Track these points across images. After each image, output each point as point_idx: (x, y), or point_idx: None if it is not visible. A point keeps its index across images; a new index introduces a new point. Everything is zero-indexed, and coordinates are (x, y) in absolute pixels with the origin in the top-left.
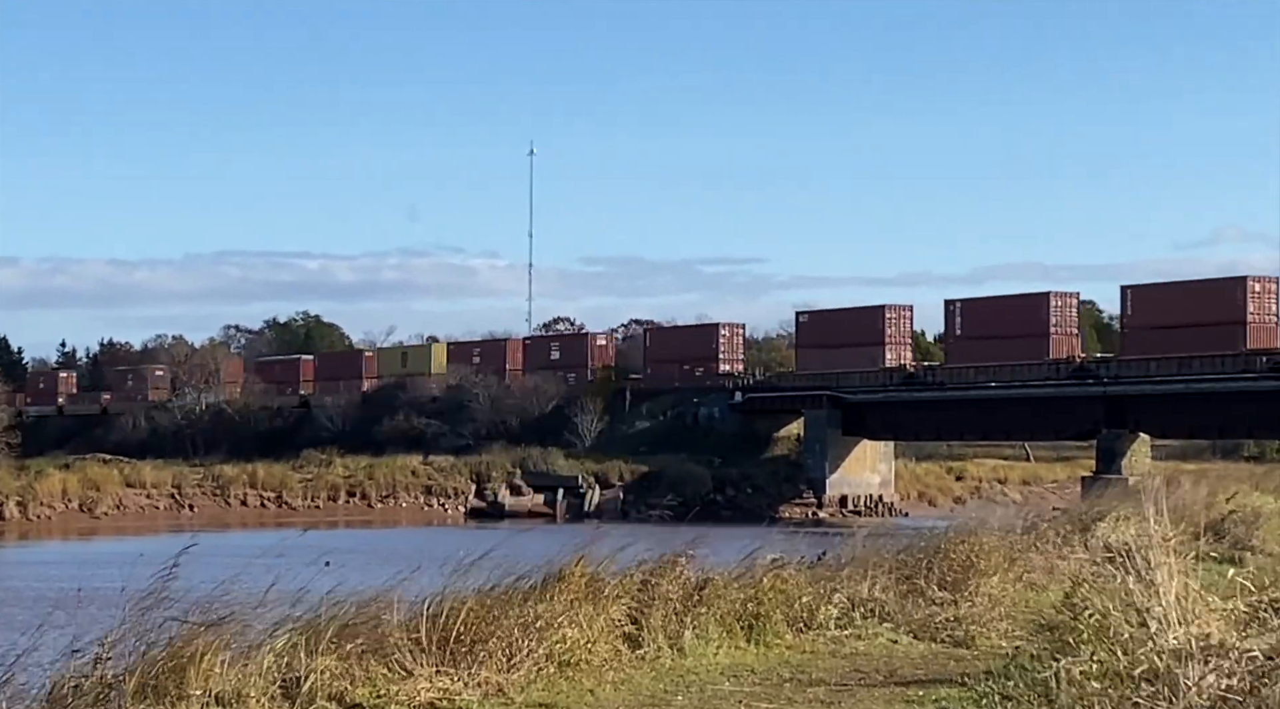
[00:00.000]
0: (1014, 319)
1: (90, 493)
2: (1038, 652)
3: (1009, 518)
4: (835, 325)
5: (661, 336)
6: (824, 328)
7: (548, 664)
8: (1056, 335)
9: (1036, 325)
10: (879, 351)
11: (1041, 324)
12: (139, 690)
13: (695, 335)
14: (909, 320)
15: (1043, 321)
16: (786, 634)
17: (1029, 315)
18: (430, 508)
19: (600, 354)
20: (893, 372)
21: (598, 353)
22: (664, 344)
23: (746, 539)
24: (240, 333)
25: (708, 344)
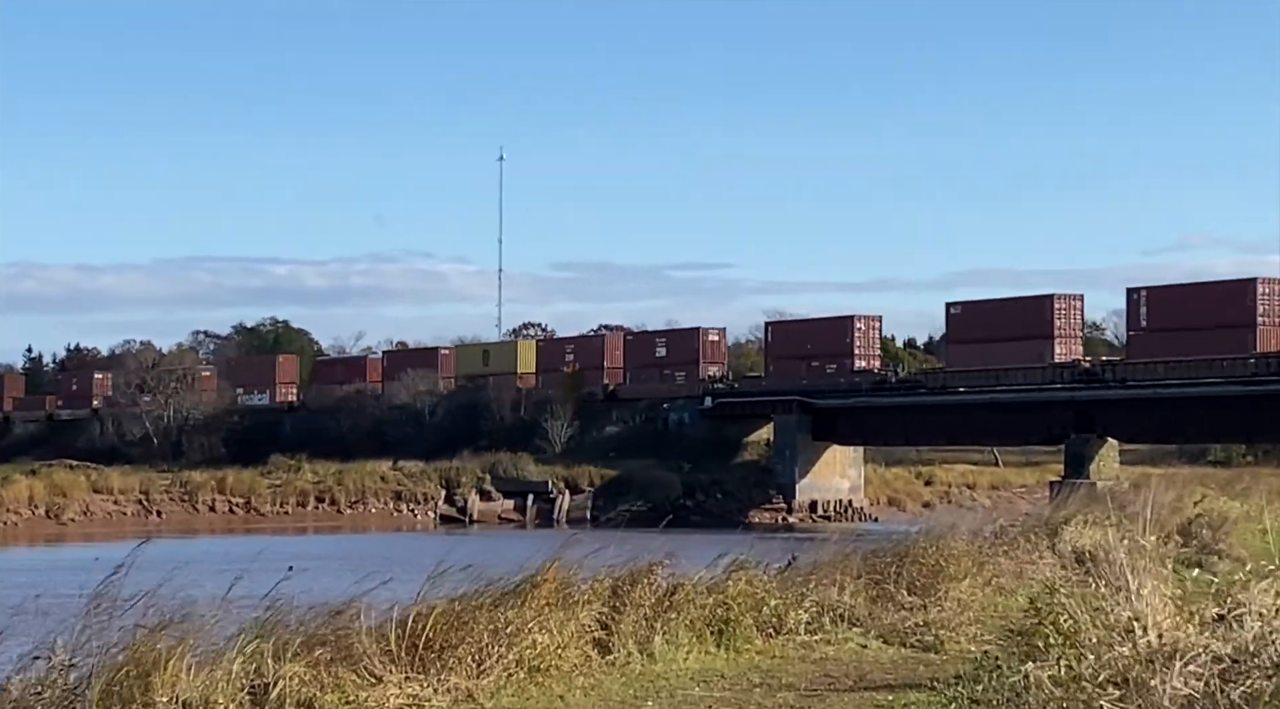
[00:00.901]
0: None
1: (57, 499)
2: (1006, 656)
3: (978, 523)
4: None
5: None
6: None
7: (518, 670)
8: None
9: (1041, 328)
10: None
11: (1046, 325)
12: (104, 697)
13: (678, 340)
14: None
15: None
16: (756, 639)
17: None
18: (400, 514)
19: (713, 350)
20: (862, 375)
21: (710, 349)
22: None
23: (717, 545)
24: (209, 338)
25: (689, 348)
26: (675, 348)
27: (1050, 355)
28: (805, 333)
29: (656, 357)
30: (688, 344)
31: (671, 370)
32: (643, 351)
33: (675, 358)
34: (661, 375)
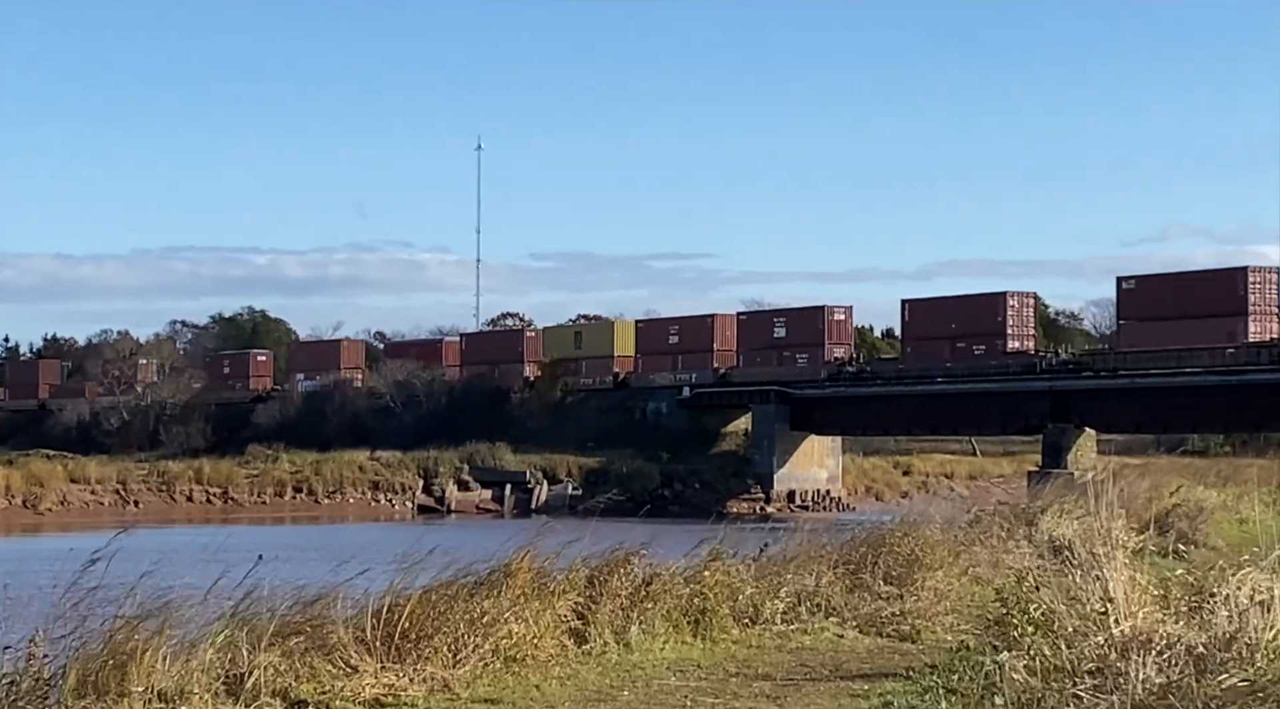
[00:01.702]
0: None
1: (34, 489)
2: (982, 645)
3: (954, 512)
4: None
5: None
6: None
7: (494, 660)
8: (832, 344)
9: (993, 325)
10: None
11: (998, 324)
12: (79, 687)
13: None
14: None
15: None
16: (733, 629)
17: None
18: (378, 504)
19: (838, 330)
20: (841, 364)
21: (835, 328)
22: None
23: (694, 534)
24: (186, 328)
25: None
26: (796, 328)
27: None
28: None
29: (775, 338)
30: (811, 323)
31: (792, 352)
32: (758, 332)
33: (796, 338)
34: (780, 358)
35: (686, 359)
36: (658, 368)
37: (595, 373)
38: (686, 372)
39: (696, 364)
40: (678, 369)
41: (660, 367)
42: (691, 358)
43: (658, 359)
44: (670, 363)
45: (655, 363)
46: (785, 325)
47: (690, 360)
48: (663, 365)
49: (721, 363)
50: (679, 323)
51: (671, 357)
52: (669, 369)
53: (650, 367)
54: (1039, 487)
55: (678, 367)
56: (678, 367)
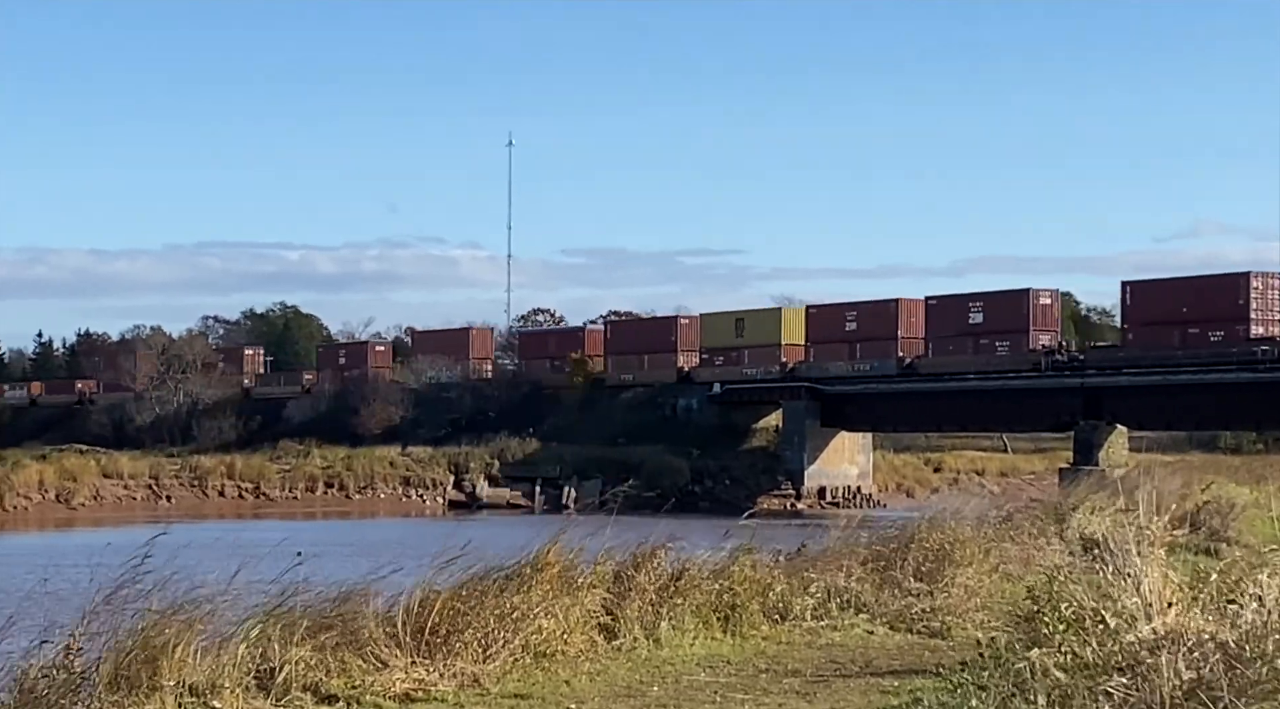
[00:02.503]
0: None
1: (67, 484)
2: (1013, 642)
3: (984, 508)
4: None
5: None
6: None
7: (523, 655)
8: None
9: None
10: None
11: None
12: (112, 681)
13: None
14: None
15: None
16: (762, 625)
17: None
18: (409, 499)
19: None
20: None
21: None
22: None
23: (724, 530)
24: (218, 323)
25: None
26: (995, 313)
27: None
28: None
29: (970, 324)
30: (1013, 308)
31: (991, 339)
32: (951, 318)
33: (994, 325)
34: (977, 345)
35: (865, 347)
36: (832, 356)
37: (760, 362)
38: (865, 361)
39: (877, 353)
40: (855, 358)
41: (835, 355)
42: (871, 346)
43: (832, 348)
44: (846, 351)
45: (829, 351)
46: (982, 310)
47: (870, 349)
48: (838, 354)
49: (907, 351)
50: (857, 308)
51: (848, 345)
52: (845, 358)
53: (824, 355)
54: (1070, 483)
55: (855, 355)
56: (855, 355)
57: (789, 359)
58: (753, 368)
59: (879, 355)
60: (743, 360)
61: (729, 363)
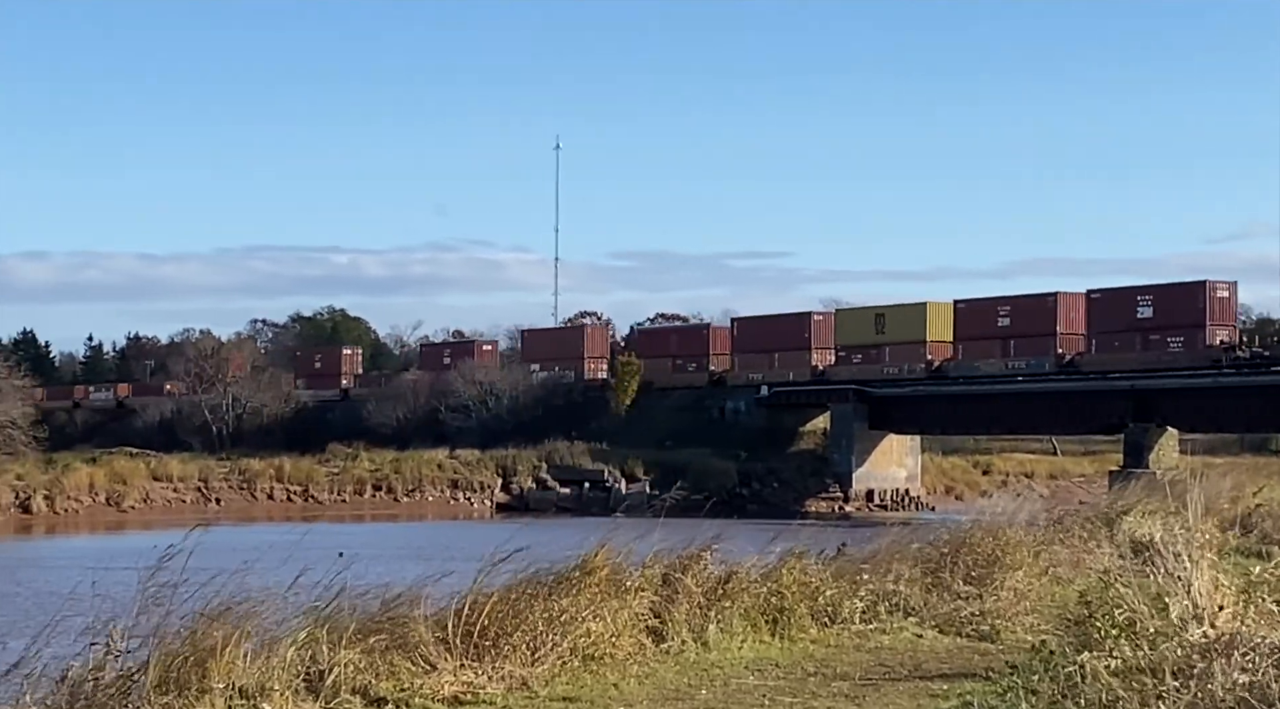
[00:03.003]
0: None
1: (117, 486)
2: (1063, 646)
3: (1034, 512)
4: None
5: None
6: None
7: (572, 658)
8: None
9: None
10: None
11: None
12: (160, 683)
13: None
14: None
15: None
16: (811, 628)
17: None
18: (456, 502)
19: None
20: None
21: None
22: None
23: (772, 533)
24: (266, 327)
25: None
26: (1167, 307)
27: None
28: None
29: (1138, 318)
30: (1187, 302)
31: (1162, 335)
32: (1115, 313)
33: (1167, 319)
34: (1146, 342)
35: (1020, 344)
36: (983, 354)
37: (902, 360)
38: (1019, 358)
39: (1032, 349)
40: (1009, 355)
41: (987, 353)
42: (1027, 343)
43: (983, 344)
44: (999, 348)
45: (980, 349)
46: (1152, 304)
47: (1025, 345)
48: (989, 351)
49: (1067, 348)
50: (1010, 303)
51: (1001, 341)
52: (997, 356)
53: (974, 353)
54: (1120, 486)
55: (1009, 353)
56: (1009, 353)
57: (935, 357)
58: (894, 366)
59: (1035, 353)
60: (883, 358)
61: (868, 360)
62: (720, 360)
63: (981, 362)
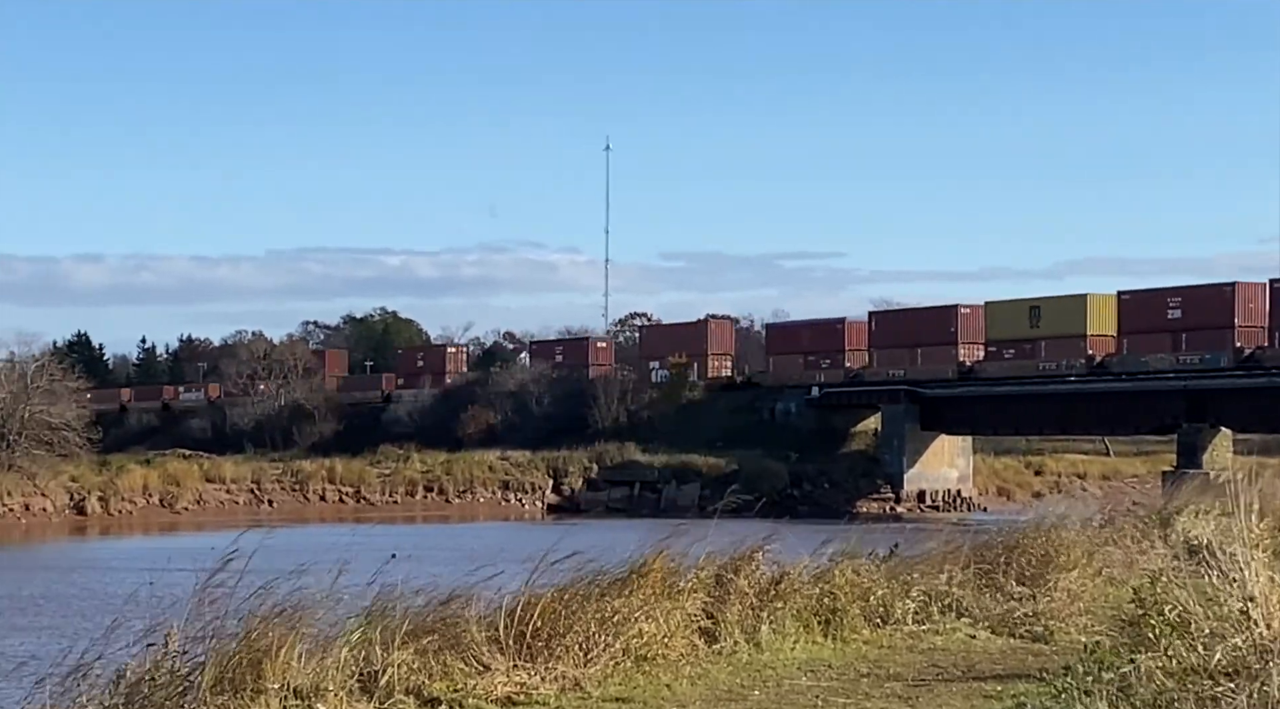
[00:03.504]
0: None
1: (170, 488)
2: (1117, 646)
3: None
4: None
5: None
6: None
7: (624, 659)
8: None
9: None
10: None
11: None
12: (216, 683)
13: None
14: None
15: None
16: (863, 629)
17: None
18: (508, 503)
19: None
20: (972, 366)
21: None
22: None
23: (823, 534)
24: (318, 328)
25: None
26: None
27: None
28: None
29: None
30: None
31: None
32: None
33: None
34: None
35: (1193, 338)
36: (1150, 348)
37: (1060, 355)
38: (1192, 353)
39: (1208, 343)
40: (1179, 349)
41: (1155, 346)
42: (1201, 336)
43: (1151, 339)
44: (1169, 342)
45: (1147, 343)
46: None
47: (1197, 339)
48: (1158, 345)
49: (1247, 342)
50: (1182, 294)
51: (1171, 335)
52: (1167, 349)
53: (1140, 347)
54: (1174, 487)
55: (1179, 346)
56: (1179, 346)
57: (1096, 351)
58: (1050, 361)
59: (1210, 347)
60: (1038, 353)
61: (1021, 355)
62: (856, 356)
63: (1150, 356)
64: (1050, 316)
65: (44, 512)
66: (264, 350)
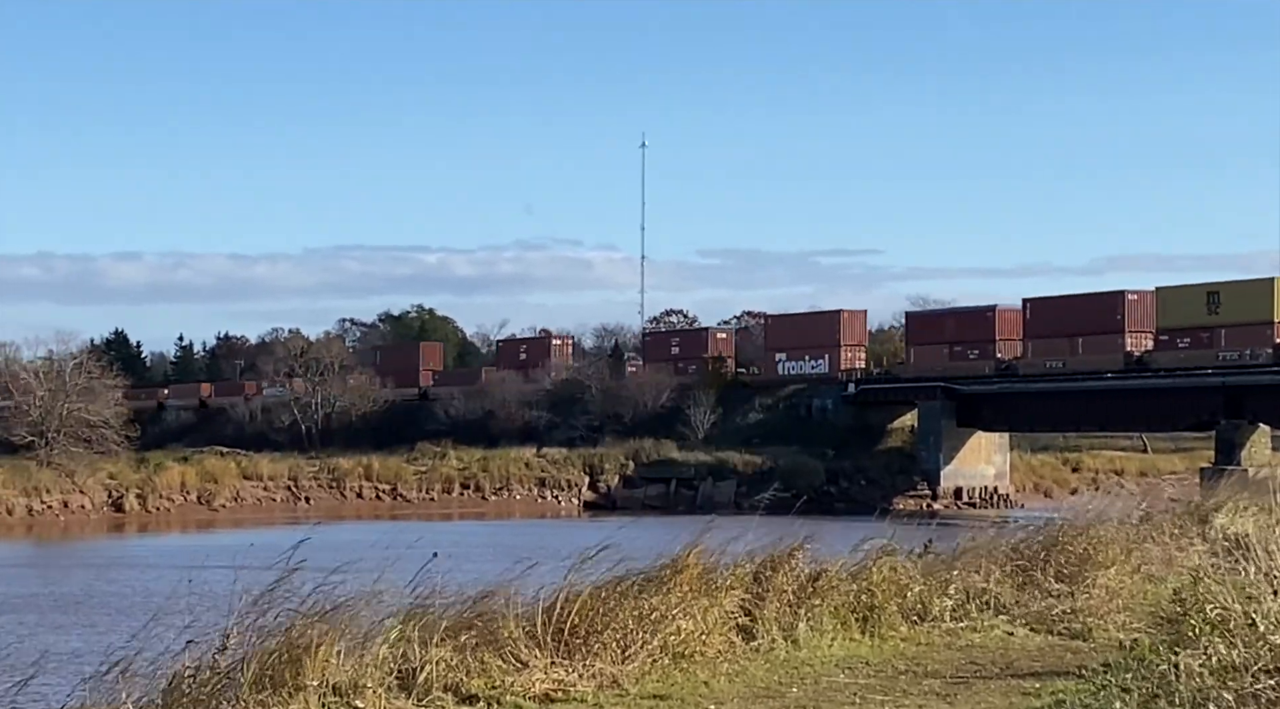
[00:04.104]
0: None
1: (208, 485)
2: (1156, 644)
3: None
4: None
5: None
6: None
7: (662, 656)
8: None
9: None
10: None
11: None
12: (257, 680)
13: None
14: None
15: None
16: (901, 626)
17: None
18: (544, 500)
19: None
20: (1008, 363)
21: None
22: None
23: (860, 531)
24: (355, 326)
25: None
26: None
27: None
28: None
29: None
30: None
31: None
32: None
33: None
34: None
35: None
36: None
37: (1241, 343)
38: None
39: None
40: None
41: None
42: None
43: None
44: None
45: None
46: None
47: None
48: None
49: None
50: None
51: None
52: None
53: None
54: (1212, 483)
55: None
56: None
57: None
58: (1231, 350)
59: None
60: (1217, 341)
61: (1197, 344)
62: (1009, 347)
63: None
64: (1231, 302)
65: (82, 509)
66: (301, 348)
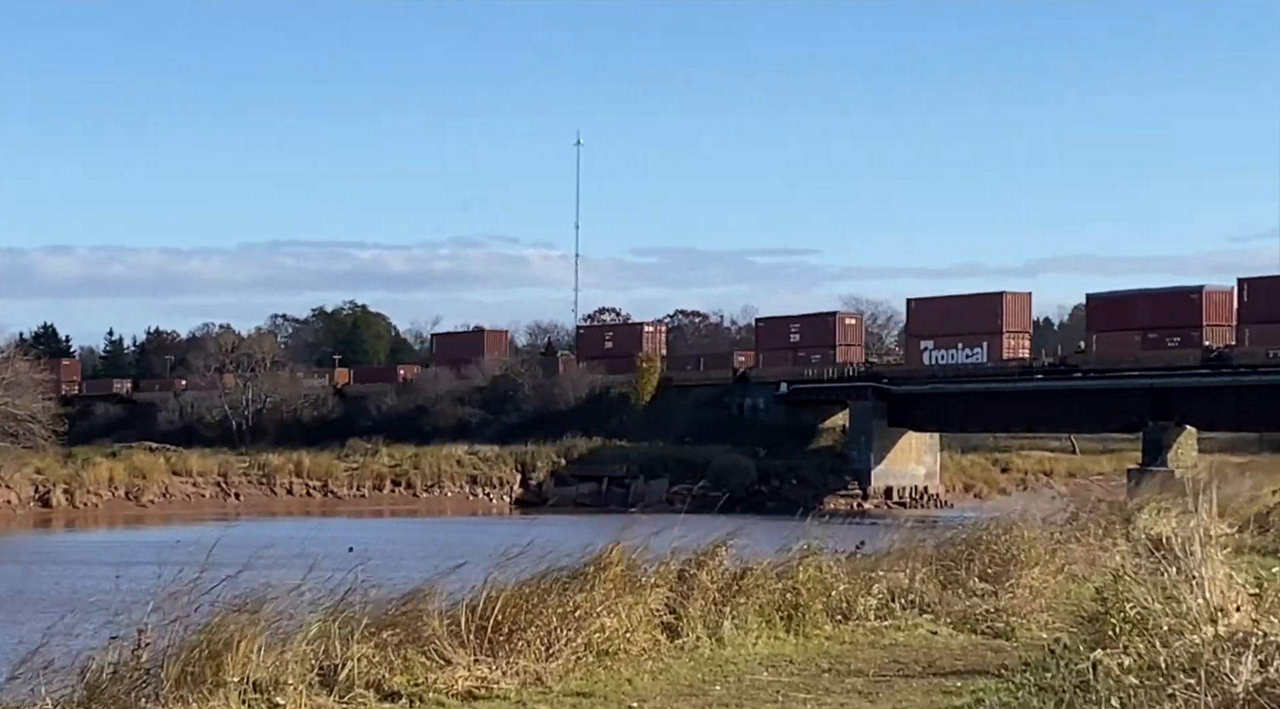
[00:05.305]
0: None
1: (137, 481)
2: (1077, 643)
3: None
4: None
5: None
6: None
7: (586, 653)
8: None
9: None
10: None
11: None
12: (179, 677)
13: None
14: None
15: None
16: (825, 625)
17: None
18: (476, 497)
19: None
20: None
21: None
22: None
23: (789, 530)
24: (287, 321)
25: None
26: None
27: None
28: None
29: None
30: None
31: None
32: None
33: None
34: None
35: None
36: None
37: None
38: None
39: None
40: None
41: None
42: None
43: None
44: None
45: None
46: None
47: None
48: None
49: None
50: None
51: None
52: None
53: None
54: (1138, 484)
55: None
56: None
57: None
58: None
59: None
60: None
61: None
62: (1217, 333)
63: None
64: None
65: (8, 504)
66: (232, 344)
